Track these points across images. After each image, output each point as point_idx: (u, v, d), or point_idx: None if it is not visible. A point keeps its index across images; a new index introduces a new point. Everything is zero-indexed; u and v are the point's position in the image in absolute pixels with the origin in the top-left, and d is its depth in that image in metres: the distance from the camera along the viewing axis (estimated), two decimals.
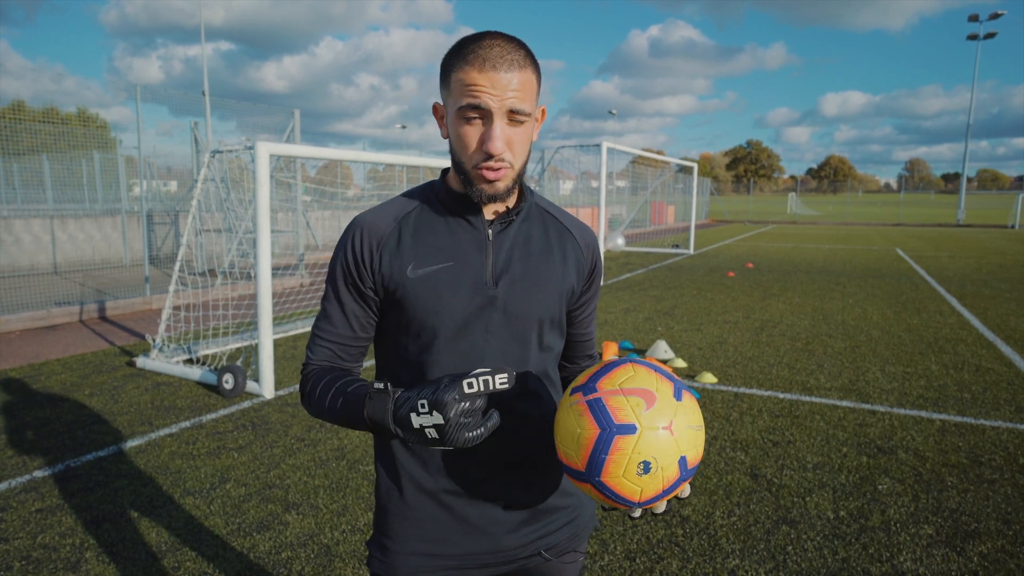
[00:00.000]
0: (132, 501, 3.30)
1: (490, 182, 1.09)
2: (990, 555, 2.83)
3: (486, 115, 1.04)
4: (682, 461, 0.98)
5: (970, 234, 26.89)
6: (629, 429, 0.96)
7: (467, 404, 0.94)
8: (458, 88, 1.05)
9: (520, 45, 1.07)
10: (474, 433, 0.94)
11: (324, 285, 1.23)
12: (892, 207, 65.12)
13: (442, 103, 1.13)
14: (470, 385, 0.93)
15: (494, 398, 1.15)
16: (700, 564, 2.77)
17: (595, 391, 1.01)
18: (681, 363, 5.88)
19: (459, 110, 1.05)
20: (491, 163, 1.07)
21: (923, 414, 4.61)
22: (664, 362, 5.91)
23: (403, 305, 1.15)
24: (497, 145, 1.05)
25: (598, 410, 0.98)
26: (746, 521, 3.12)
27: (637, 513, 1.04)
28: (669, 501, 1.05)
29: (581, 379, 1.07)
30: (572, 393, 1.05)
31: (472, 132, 1.06)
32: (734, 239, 23.98)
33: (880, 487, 3.48)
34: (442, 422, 0.93)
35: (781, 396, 5.04)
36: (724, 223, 38.66)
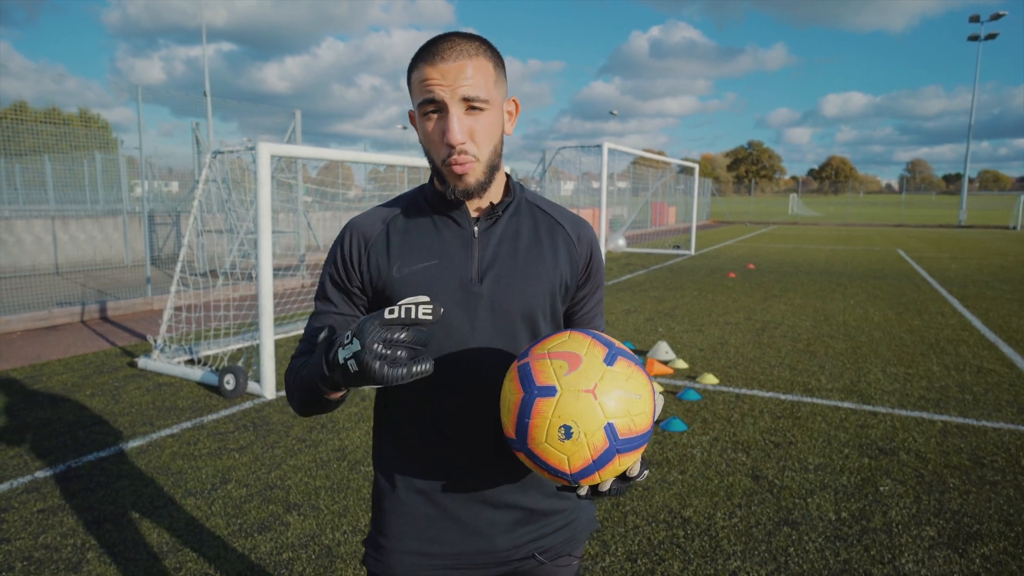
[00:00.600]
0: (133, 502, 3.30)
1: (459, 176, 1.10)
2: (992, 557, 2.82)
3: (442, 107, 1.06)
4: (609, 428, 0.92)
5: (972, 235, 26.86)
6: (549, 391, 0.93)
7: (388, 334, 0.87)
8: (416, 87, 1.08)
9: (474, 38, 1.09)
10: (397, 371, 0.87)
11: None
12: (893, 208, 65.08)
13: (413, 109, 1.15)
14: (391, 311, 0.89)
15: (479, 398, 1.15)
16: (701, 566, 2.77)
17: (527, 356, 1.00)
18: (682, 364, 5.88)
19: (419, 107, 1.08)
20: (455, 156, 1.07)
21: (925, 415, 4.60)
22: (665, 363, 5.91)
23: (391, 304, 1.16)
24: (455, 136, 1.05)
25: (524, 374, 0.96)
26: (747, 522, 3.12)
27: (583, 491, 0.98)
28: (619, 480, 1.00)
29: (524, 348, 1.06)
30: (512, 363, 1.04)
31: (433, 127, 1.08)
32: (735, 240, 23.97)
33: (882, 488, 3.47)
34: (358, 348, 0.87)
35: (782, 397, 5.04)
36: (725, 224, 38.65)
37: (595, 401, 0.92)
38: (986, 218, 41.92)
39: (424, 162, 6.63)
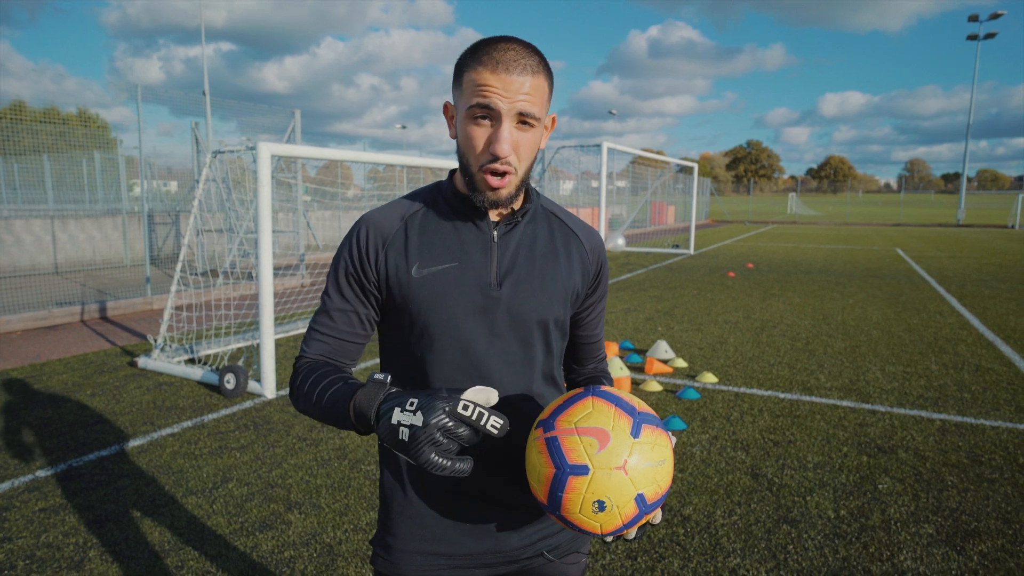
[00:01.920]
0: (135, 501, 3.31)
1: (494, 189, 1.09)
2: (990, 554, 2.84)
3: (495, 116, 1.04)
4: (639, 499, 0.97)
5: (970, 234, 26.89)
6: (582, 470, 0.96)
7: (451, 423, 0.88)
8: (470, 88, 1.05)
9: (535, 51, 1.07)
10: (441, 460, 0.88)
11: (325, 281, 1.23)
12: (892, 207, 65.13)
13: (453, 103, 1.13)
14: (465, 407, 0.89)
15: (497, 392, 1.16)
16: (701, 563, 2.78)
17: (553, 428, 1.02)
18: (681, 363, 5.89)
19: (469, 109, 1.06)
20: (496, 165, 1.06)
21: (923, 414, 4.62)
22: (665, 362, 5.93)
23: (407, 305, 1.15)
24: (504, 147, 1.04)
25: (554, 449, 0.99)
26: (747, 520, 3.13)
27: (609, 539, 1.03)
28: (641, 528, 1.04)
29: (545, 412, 1.07)
30: (536, 427, 1.06)
31: (480, 132, 1.06)
32: (734, 239, 23.99)
33: (880, 486, 3.49)
34: (420, 424, 0.87)
35: (781, 396, 5.05)
36: (724, 223, 38.66)
37: (626, 477, 0.96)
38: (984, 217, 41.97)
39: (423, 161, 6.64)
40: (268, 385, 4.97)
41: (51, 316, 7.86)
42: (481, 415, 0.90)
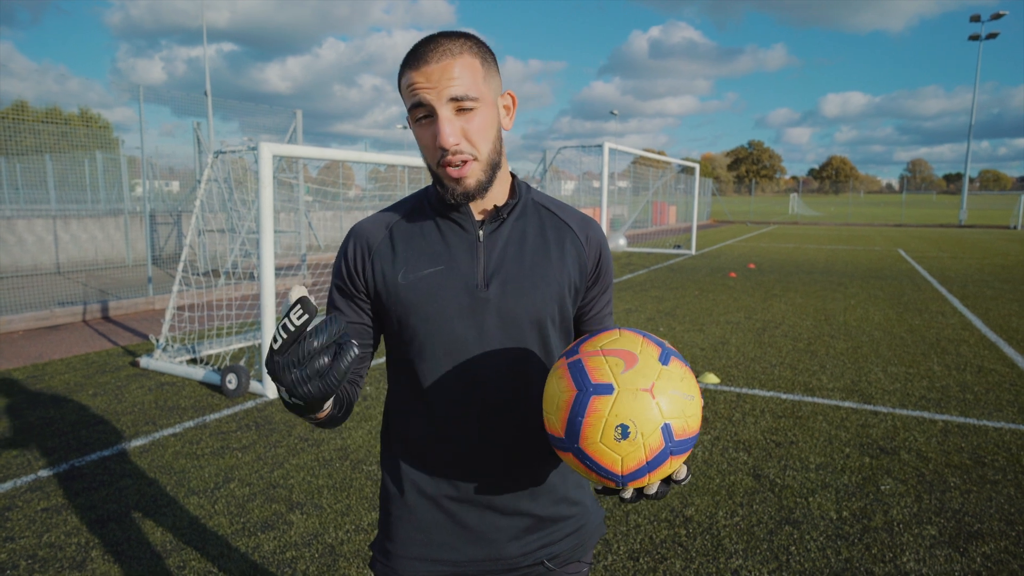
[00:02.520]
0: (137, 500, 3.31)
1: (457, 180, 1.07)
2: (993, 556, 2.83)
3: (431, 110, 1.04)
4: (666, 429, 0.89)
5: (972, 235, 26.85)
6: (606, 389, 0.90)
7: (291, 357, 0.86)
8: (404, 92, 1.06)
9: (457, 35, 1.07)
10: (328, 380, 0.86)
11: (328, 287, 1.23)
12: (894, 208, 65.06)
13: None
14: (274, 339, 0.87)
15: (487, 405, 1.15)
16: (703, 564, 2.77)
17: (576, 353, 0.97)
18: None
19: (410, 113, 1.06)
20: (449, 158, 1.05)
21: (925, 415, 4.61)
22: None
23: (395, 311, 1.14)
24: (447, 139, 1.03)
25: (577, 371, 0.93)
26: (749, 521, 3.12)
27: (628, 493, 0.94)
28: (664, 483, 0.96)
29: (569, 346, 1.04)
30: (558, 359, 1.01)
31: (425, 132, 1.06)
32: (736, 239, 23.97)
33: (883, 488, 3.48)
34: (280, 388, 0.89)
35: (783, 397, 5.04)
36: (726, 224, 38.64)
37: (653, 400, 0.89)
38: (987, 218, 41.91)
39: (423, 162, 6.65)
40: (270, 385, 4.97)
41: (53, 316, 7.87)
42: (284, 326, 0.86)
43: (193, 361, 5.80)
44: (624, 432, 0.88)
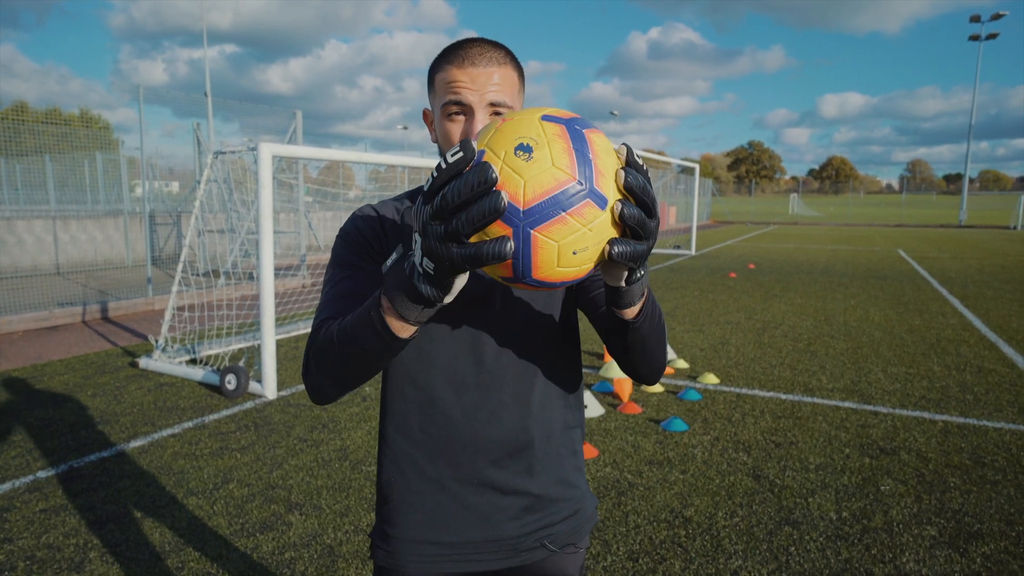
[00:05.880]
0: (135, 501, 3.31)
1: None
2: (993, 556, 2.82)
3: (468, 111, 1.07)
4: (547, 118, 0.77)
5: (972, 235, 26.85)
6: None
7: (442, 207, 0.72)
8: (441, 87, 1.09)
9: (500, 46, 1.11)
10: (477, 246, 0.72)
11: (326, 272, 1.20)
12: (894, 208, 65.06)
13: (431, 108, 1.16)
14: (425, 187, 0.76)
15: (487, 383, 1.16)
16: (703, 565, 2.77)
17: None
18: (683, 364, 5.88)
19: (443, 107, 1.09)
20: None
21: (925, 415, 4.61)
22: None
23: None
24: None
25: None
26: (749, 522, 3.12)
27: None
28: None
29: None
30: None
31: (455, 129, 1.09)
32: (736, 240, 23.97)
33: (883, 488, 3.47)
34: (421, 240, 0.76)
35: (783, 397, 5.04)
36: (726, 224, 38.64)
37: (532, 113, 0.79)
38: (986, 218, 41.92)
39: (424, 162, 6.64)
40: (269, 386, 4.96)
41: (52, 316, 7.86)
42: (440, 167, 0.74)
43: (192, 362, 5.80)
44: (526, 148, 0.74)
